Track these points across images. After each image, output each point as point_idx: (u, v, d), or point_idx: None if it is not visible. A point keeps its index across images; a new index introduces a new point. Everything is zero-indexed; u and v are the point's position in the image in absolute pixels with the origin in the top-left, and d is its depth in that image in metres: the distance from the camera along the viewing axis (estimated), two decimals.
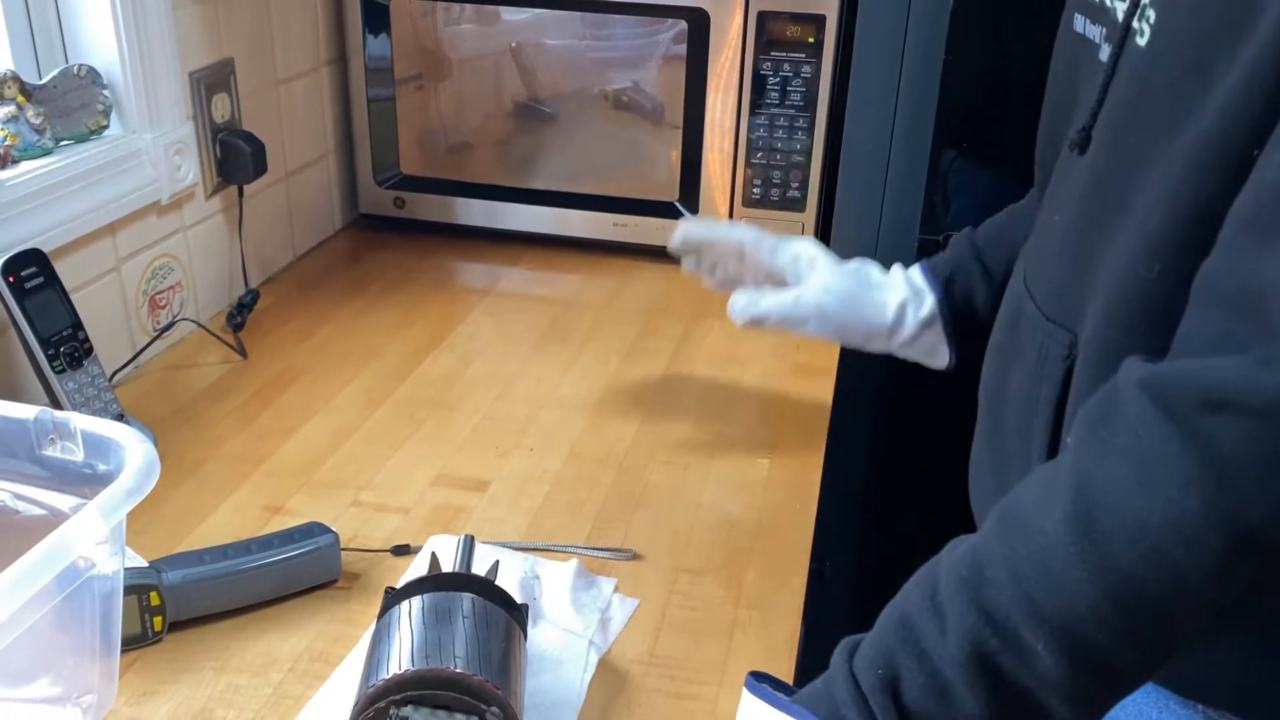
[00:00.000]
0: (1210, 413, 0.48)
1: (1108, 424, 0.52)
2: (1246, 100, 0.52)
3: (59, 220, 0.98)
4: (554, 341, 1.21)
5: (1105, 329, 0.62)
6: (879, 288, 0.92)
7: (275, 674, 0.73)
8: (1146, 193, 0.58)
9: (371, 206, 1.49)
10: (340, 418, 1.04)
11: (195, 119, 1.16)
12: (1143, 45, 0.60)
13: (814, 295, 0.92)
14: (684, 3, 1.28)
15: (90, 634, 0.65)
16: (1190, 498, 0.48)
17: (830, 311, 0.91)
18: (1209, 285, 0.53)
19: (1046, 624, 0.50)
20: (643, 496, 0.94)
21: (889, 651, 0.55)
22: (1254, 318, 0.49)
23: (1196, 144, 0.55)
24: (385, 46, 1.39)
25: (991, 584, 0.52)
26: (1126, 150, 0.61)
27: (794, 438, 1.04)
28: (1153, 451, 0.50)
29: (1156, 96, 0.58)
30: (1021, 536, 0.53)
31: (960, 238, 0.93)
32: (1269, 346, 0.48)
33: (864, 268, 0.93)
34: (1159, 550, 0.49)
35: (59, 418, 0.67)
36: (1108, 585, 0.49)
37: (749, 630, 0.79)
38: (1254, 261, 0.49)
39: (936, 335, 0.90)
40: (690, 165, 1.36)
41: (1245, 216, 0.51)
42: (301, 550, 0.80)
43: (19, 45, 1.03)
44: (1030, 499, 0.54)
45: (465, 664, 0.62)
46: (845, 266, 0.94)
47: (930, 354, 0.92)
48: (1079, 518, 0.51)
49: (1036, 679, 0.51)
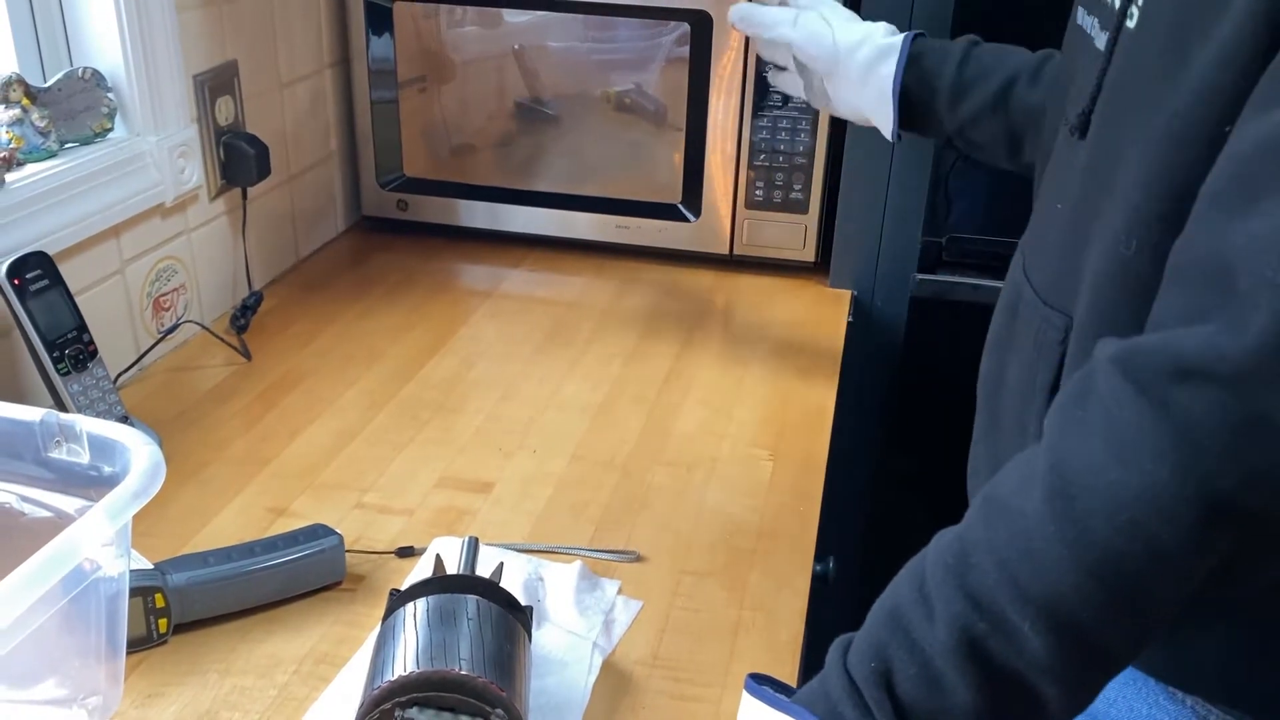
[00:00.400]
0: (1179, 382, 0.49)
1: (1081, 402, 0.53)
2: (1218, 78, 0.53)
3: (63, 223, 0.98)
4: (557, 343, 1.21)
5: (1093, 308, 0.63)
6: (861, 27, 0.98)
7: (280, 676, 0.74)
8: (1130, 171, 0.59)
9: (375, 209, 1.49)
10: (344, 419, 1.05)
11: (199, 122, 1.16)
12: (1132, 28, 0.61)
13: (809, 21, 0.98)
14: (686, 5, 1.29)
15: (96, 636, 0.65)
16: (1163, 468, 0.48)
17: (813, 31, 0.97)
18: (1180, 261, 0.53)
19: (1031, 604, 0.51)
20: (646, 498, 0.94)
21: (880, 644, 0.55)
22: (1219, 287, 0.49)
23: (1173, 121, 0.56)
24: (388, 49, 1.40)
25: (976, 569, 0.53)
26: (1117, 131, 0.62)
27: (797, 439, 1.04)
28: (1124, 425, 0.50)
29: (1141, 76, 0.60)
30: (1003, 520, 0.53)
31: (964, 39, 0.96)
32: (1234, 314, 0.48)
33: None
34: (1135, 523, 0.49)
35: (65, 420, 0.67)
36: (1088, 562, 0.50)
37: (752, 632, 0.79)
38: (1221, 233, 0.50)
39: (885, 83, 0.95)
40: (693, 167, 1.36)
41: (1214, 190, 0.52)
42: (306, 552, 0.80)
43: (24, 48, 1.03)
44: (1010, 482, 0.55)
45: (470, 666, 0.62)
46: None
47: (880, 105, 0.96)
48: (1056, 496, 0.51)
49: (1025, 661, 0.51)
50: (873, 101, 0.96)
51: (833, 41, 0.96)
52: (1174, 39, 0.56)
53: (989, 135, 0.93)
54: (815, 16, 0.98)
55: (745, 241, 1.38)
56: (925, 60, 0.94)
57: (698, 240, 1.40)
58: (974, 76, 0.92)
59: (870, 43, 0.95)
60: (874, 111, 0.97)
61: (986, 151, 0.95)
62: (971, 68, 0.92)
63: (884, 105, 0.95)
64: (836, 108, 1.02)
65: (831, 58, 0.97)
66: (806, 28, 0.97)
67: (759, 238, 1.38)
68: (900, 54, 0.94)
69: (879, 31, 0.97)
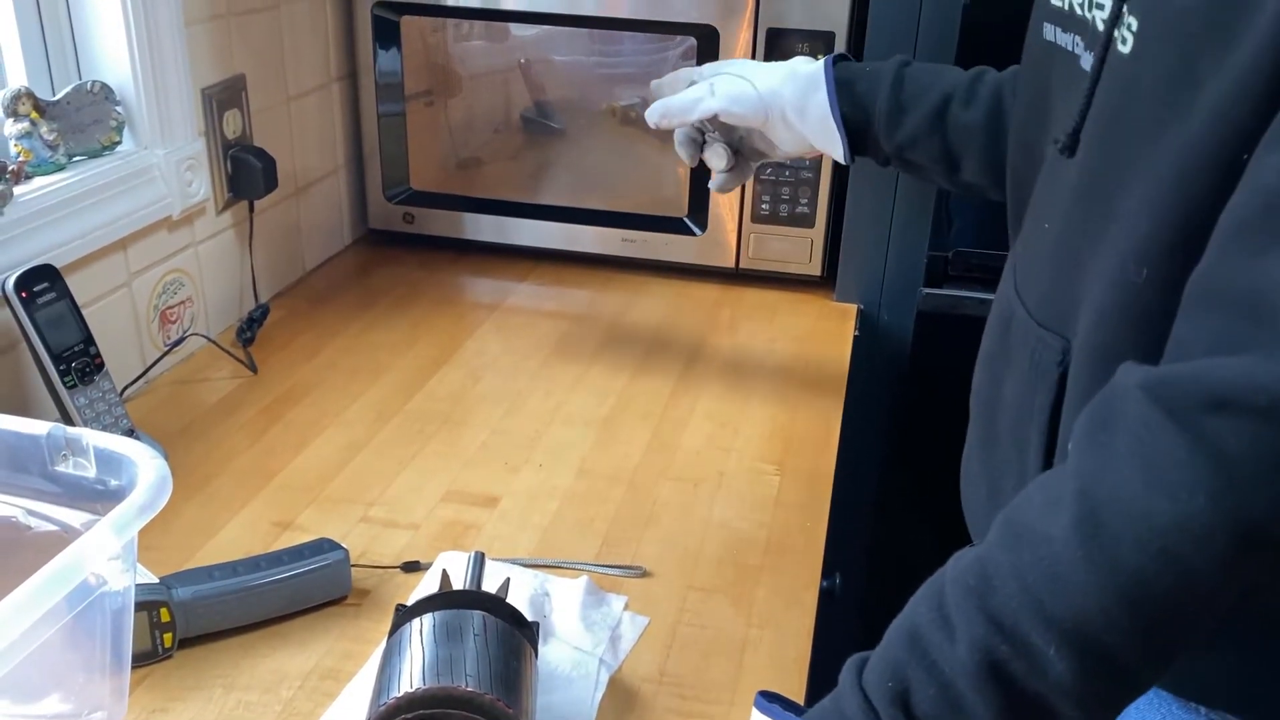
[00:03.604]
0: (1214, 413, 0.49)
1: (1109, 428, 0.53)
2: (1235, 107, 0.52)
3: (71, 235, 0.98)
4: (563, 357, 1.21)
5: (1096, 334, 0.62)
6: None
7: (285, 691, 0.73)
8: (1134, 197, 0.59)
9: (381, 221, 1.49)
10: (350, 433, 1.04)
11: (207, 135, 1.16)
12: (1126, 52, 0.61)
13: (725, 87, 0.97)
14: (693, 20, 1.29)
15: (101, 650, 0.65)
16: (1198, 497, 0.48)
17: (737, 95, 0.96)
18: (1205, 289, 0.53)
19: (1056, 628, 0.51)
20: (652, 513, 0.94)
21: (898, 664, 0.55)
22: (1255, 319, 0.49)
23: (1184, 148, 0.55)
24: (396, 62, 1.40)
25: (999, 591, 0.52)
26: (1115, 155, 0.62)
27: (803, 454, 1.04)
28: (1157, 452, 0.50)
29: (1143, 102, 0.59)
30: (1027, 543, 0.53)
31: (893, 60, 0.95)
32: (1271, 346, 0.48)
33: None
34: (1167, 550, 0.49)
35: (72, 434, 0.67)
36: (1117, 586, 0.50)
37: (760, 648, 0.79)
38: (1253, 264, 0.50)
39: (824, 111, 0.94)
40: (699, 181, 1.36)
41: (1241, 220, 0.51)
42: (311, 567, 0.80)
43: (33, 61, 1.03)
44: (1034, 506, 0.54)
45: (476, 682, 0.62)
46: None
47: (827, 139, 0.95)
48: (1085, 521, 0.51)
49: (1048, 684, 0.51)
50: (816, 130, 0.95)
51: (755, 91, 0.96)
52: (1179, 67, 0.56)
53: (926, 156, 0.92)
54: (728, 77, 0.97)
55: (751, 255, 1.38)
56: (857, 86, 0.93)
57: (704, 254, 1.40)
58: (909, 99, 0.91)
59: (794, 78, 0.95)
60: (819, 139, 0.96)
61: (924, 172, 0.95)
62: (906, 90, 0.92)
63: (828, 130, 0.94)
64: (781, 149, 1.01)
65: (759, 107, 0.96)
66: (726, 91, 0.96)
67: (765, 251, 1.38)
68: (826, 75, 0.93)
69: (798, 64, 0.96)
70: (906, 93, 0.91)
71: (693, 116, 0.98)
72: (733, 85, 0.97)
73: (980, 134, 0.87)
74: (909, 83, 0.92)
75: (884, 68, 0.93)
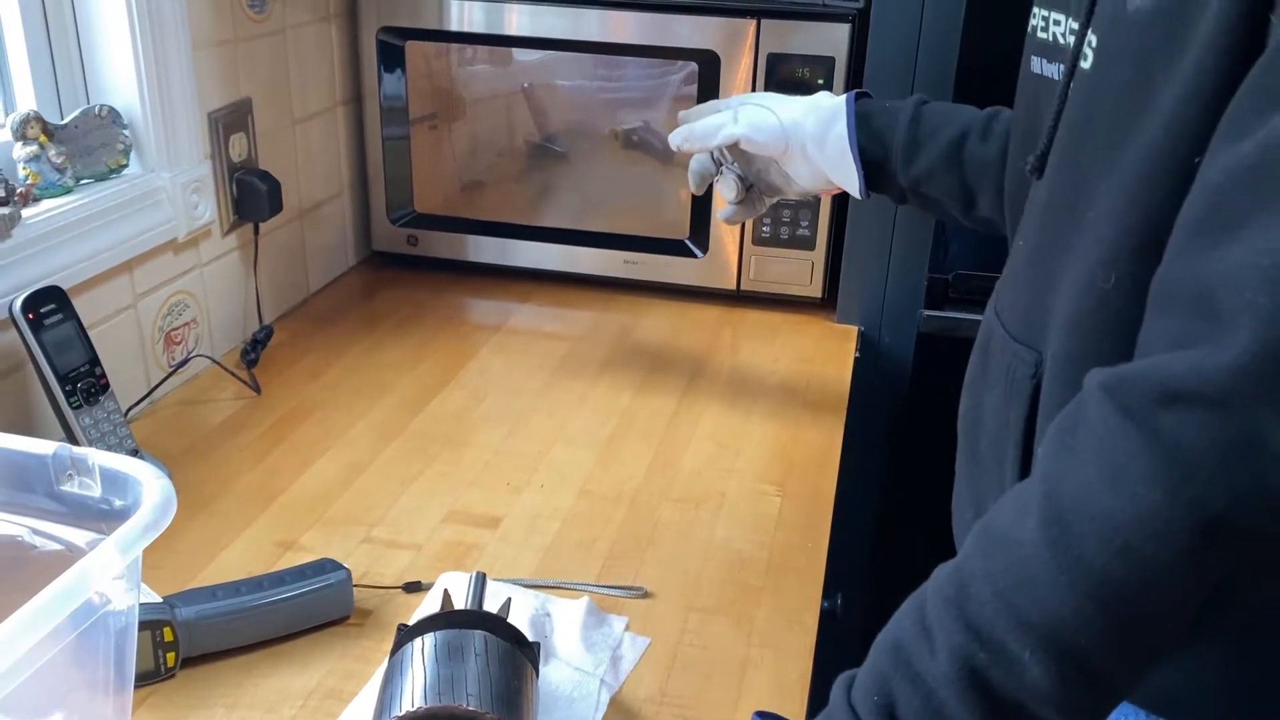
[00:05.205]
0: (1166, 407, 0.49)
1: (1073, 431, 0.54)
2: (1185, 111, 0.54)
3: (78, 257, 0.99)
4: (565, 378, 1.22)
5: (1068, 343, 0.63)
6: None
7: (287, 710, 0.73)
8: (1099, 206, 0.60)
9: (385, 244, 1.50)
10: (353, 453, 1.05)
11: (213, 158, 1.18)
12: (1087, 68, 0.62)
13: (750, 114, 0.98)
14: (694, 45, 1.30)
15: (104, 670, 0.65)
16: (1155, 492, 0.49)
17: (758, 123, 0.98)
18: (1163, 290, 0.54)
19: (1031, 632, 0.51)
20: (654, 534, 0.94)
21: (883, 678, 0.55)
22: (1204, 313, 0.50)
23: (1143, 155, 0.57)
24: (400, 86, 1.41)
25: (975, 599, 0.53)
26: (1080, 168, 0.63)
27: (805, 475, 1.04)
28: (1115, 450, 0.51)
29: (1102, 113, 0.61)
30: (1000, 550, 0.54)
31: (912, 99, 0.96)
32: (1217, 338, 0.49)
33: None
34: (1129, 547, 0.49)
35: (77, 453, 0.68)
36: (1086, 588, 0.50)
37: (761, 669, 0.79)
38: (1202, 261, 0.51)
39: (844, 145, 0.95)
40: (700, 204, 1.37)
41: (1192, 220, 0.53)
42: (314, 587, 0.80)
43: (42, 85, 1.05)
44: (1006, 513, 0.55)
45: (478, 701, 0.62)
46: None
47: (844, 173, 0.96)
48: (1051, 524, 0.52)
49: (1027, 690, 0.52)
50: (834, 163, 0.96)
51: (778, 121, 0.97)
52: (1137, 75, 0.58)
53: (942, 191, 0.93)
54: (752, 107, 0.99)
55: (752, 277, 1.39)
56: (875, 120, 0.94)
57: (705, 276, 1.41)
58: (926, 133, 0.92)
59: (816, 111, 0.96)
60: (837, 173, 0.97)
61: (940, 207, 0.95)
62: (923, 125, 0.93)
63: (846, 163, 0.95)
64: (798, 185, 1.02)
65: (780, 137, 0.97)
66: (749, 119, 0.98)
67: (766, 273, 1.39)
68: (848, 110, 0.94)
69: (821, 98, 0.97)
70: (924, 128, 0.92)
71: (714, 142, 0.99)
72: (756, 114, 0.98)
73: (996, 169, 0.87)
74: (927, 119, 0.93)
75: (903, 105, 0.94)
